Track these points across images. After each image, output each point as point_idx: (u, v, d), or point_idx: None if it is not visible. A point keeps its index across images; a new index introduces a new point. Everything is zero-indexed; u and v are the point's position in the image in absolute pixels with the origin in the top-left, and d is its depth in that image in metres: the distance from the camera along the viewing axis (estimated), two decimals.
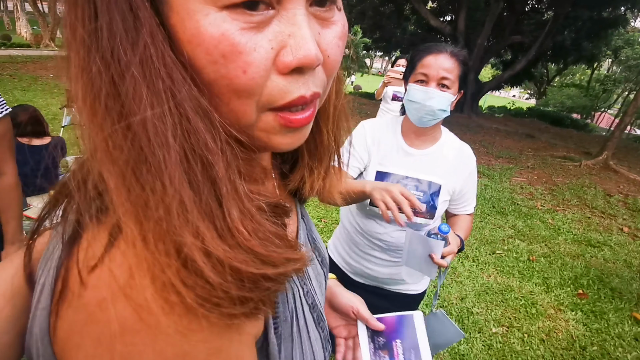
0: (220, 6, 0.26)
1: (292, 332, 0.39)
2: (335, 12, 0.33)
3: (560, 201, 5.28)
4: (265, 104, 0.31)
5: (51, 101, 6.87)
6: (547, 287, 3.04)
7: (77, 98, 0.27)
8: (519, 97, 51.16)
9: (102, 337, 0.26)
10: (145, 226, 0.26)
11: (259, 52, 0.28)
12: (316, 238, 0.56)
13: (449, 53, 1.12)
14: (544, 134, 11.79)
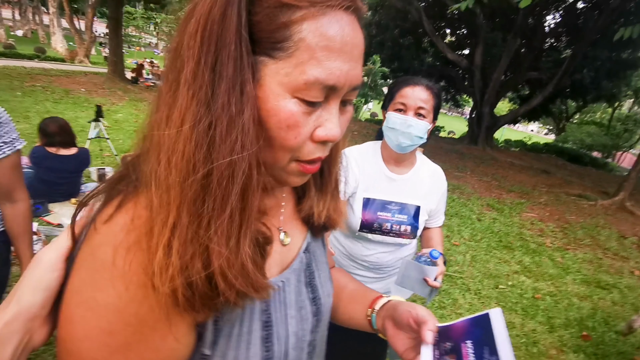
0: (293, 95, 0.40)
1: (231, 333, 0.47)
2: (348, 107, 0.48)
3: (571, 240, 5.21)
4: (296, 157, 0.45)
5: (80, 114, 7.23)
6: (550, 327, 3.01)
7: (168, 121, 0.38)
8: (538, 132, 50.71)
9: (91, 266, 0.39)
10: (178, 223, 0.37)
11: (306, 128, 0.42)
12: (317, 275, 0.62)
13: (424, 86, 1.24)
14: (561, 171, 11.67)
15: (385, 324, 0.62)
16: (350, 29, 0.41)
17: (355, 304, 0.71)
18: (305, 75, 0.39)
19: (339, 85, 0.41)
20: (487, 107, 12.94)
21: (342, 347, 1.41)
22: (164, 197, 0.38)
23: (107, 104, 8.61)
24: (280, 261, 0.56)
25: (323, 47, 0.39)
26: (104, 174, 4.16)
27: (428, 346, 0.52)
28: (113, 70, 11.45)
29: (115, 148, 5.17)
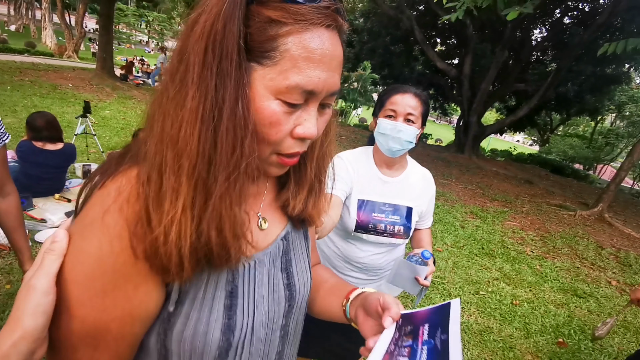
0: (276, 97, 0.47)
1: (196, 296, 0.52)
2: (327, 110, 0.54)
3: (550, 249, 5.35)
4: (276, 150, 0.52)
5: (67, 110, 7.14)
6: (527, 333, 3.09)
7: (176, 113, 0.44)
8: (523, 143, 51.66)
9: (83, 222, 0.47)
10: (165, 185, 0.44)
11: (287, 126, 0.49)
12: (294, 264, 0.67)
13: (413, 93, 1.31)
14: (543, 181, 11.93)
15: (357, 313, 0.65)
16: (329, 44, 0.47)
17: (332, 297, 0.75)
18: (288, 80, 0.45)
19: (317, 90, 0.48)
20: (475, 116, 13.18)
21: (336, 342, 1.49)
22: (170, 179, 0.44)
23: (94, 100, 8.52)
24: (257, 242, 0.60)
25: (304, 58, 0.45)
26: (89, 170, 4.12)
27: (389, 329, 0.55)
28: (102, 67, 11.31)
29: (101, 145, 5.13)
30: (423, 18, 14.01)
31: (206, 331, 0.52)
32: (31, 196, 3.17)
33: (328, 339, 1.53)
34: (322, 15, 0.46)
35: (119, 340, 0.49)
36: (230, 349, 0.55)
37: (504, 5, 4.13)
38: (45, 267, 0.45)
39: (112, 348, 0.48)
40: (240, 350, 0.56)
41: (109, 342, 0.48)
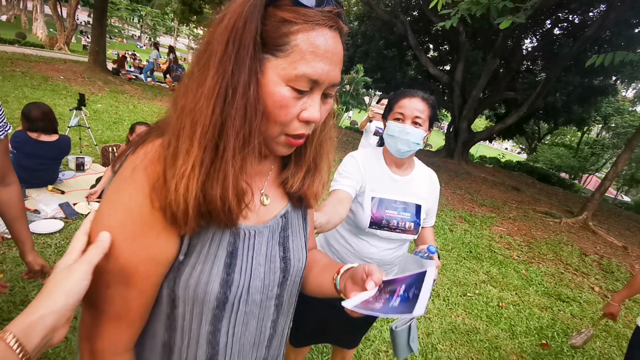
0: (287, 84, 0.55)
1: (201, 251, 0.61)
2: (330, 100, 0.63)
3: (536, 254, 5.47)
4: (284, 131, 0.59)
5: (59, 102, 7.05)
6: (512, 334, 3.17)
7: (198, 90, 0.53)
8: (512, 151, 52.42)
9: (118, 180, 0.57)
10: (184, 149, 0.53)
11: (294, 109, 0.57)
12: (290, 240, 0.75)
13: (420, 97, 1.38)
14: (530, 189, 12.16)
15: (345, 284, 0.70)
16: (332, 42, 0.56)
17: (325, 273, 0.80)
18: (296, 70, 0.54)
19: (320, 80, 0.56)
20: (465, 122, 13.37)
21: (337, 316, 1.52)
22: (184, 142, 0.53)
23: (86, 93, 8.41)
24: (258, 216, 0.69)
25: (311, 52, 0.54)
26: (82, 163, 4.10)
27: (371, 291, 0.62)
28: (94, 60, 11.18)
29: (94, 138, 5.09)
30: (417, 23, 14.18)
31: (207, 282, 0.60)
32: (25, 187, 3.14)
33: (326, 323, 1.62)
34: (326, 18, 0.55)
35: (145, 280, 0.58)
36: (227, 302, 0.63)
37: (498, 14, 4.23)
38: (89, 257, 0.52)
39: (140, 286, 0.58)
40: (236, 307, 0.65)
41: (137, 280, 0.57)
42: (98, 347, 0.58)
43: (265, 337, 0.74)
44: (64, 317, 0.48)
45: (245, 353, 0.71)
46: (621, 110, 20.79)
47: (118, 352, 0.60)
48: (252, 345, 0.72)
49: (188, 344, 0.64)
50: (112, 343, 0.59)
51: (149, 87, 12.37)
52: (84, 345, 0.60)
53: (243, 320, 0.67)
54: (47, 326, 0.46)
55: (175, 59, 14.02)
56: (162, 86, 13.43)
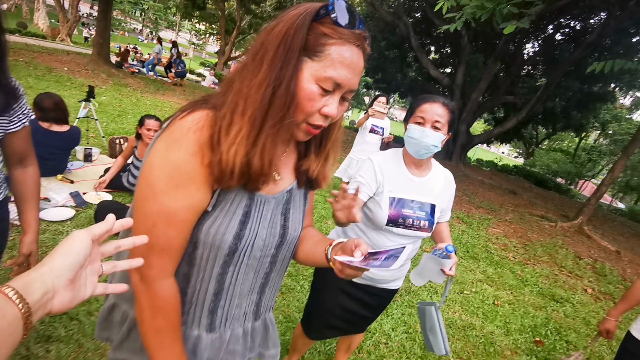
0: (316, 83, 0.69)
1: (224, 207, 0.75)
2: (346, 103, 0.77)
3: (531, 256, 5.58)
4: (307, 119, 0.72)
5: (63, 93, 7.08)
6: (507, 331, 3.26)
7: (253, 79, 0.69)
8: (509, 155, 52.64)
9: (168, 139, 0.70)
10: (231, 120, 0.69)
11: (318, 103, 0.71)
12: (291, 213, 0.89)
13: (441, 103, 1.48)
14: (527, 193, 12.30)
15: (336, 254, 0.80)
16: (356, 57, 0.70)
17: (318, 246, 0.92)
18: (326, 73, 0.68)
19: (342, 84, 0.70)
20: (464, 125, 13.48)
21: (352, 298, 1.70)
22: (237, 117, 0.68)
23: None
24: (269, 188, 0.82)
25: (339, 61, 0.68)
26: (90, 154, 4.16)
27: (357, 258, 0.74)
28: (98, 53, 11.20)
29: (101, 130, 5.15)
30: (419, 25, 14.26)
31: (224, 233, 0.75)
32: None
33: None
34: (355, 38, 0.69)
35: (183, 224, 0.72)
36: (236, 252, 0.78)
37: (502, 19, 4.32)
38: (92, 228, 0.55)
39: (179, 228, 0.72)
40: (242, 259, 0.81)
41: (177, 223, 0.71)
42: (148, 274, 0.73)
43: (257, 285, 0.90)
44: (62, 276, 0.48)
45: (243, 296, 0.88)
46: (619, 118, 20.99)
47: (165, 277, 0.75)
48: (249, 291, 0.89)
49: (202, 279, 0.80)
50: (160, 270, 0.74)
51: (151, 81, 12.40)
52: (134, 272, 0.74)
53: (244, 270, 0.83)
54: (46, 283, 0.46)
55: (178, 54, 14.05)
56: (164, 80, 13.46)
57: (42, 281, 0.46)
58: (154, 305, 0.74)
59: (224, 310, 0.86)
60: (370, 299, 1.73)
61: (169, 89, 11.92)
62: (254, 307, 0.93)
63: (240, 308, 0.89)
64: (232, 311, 0.87)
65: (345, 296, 1.71)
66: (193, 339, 0.85)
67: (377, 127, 4.68)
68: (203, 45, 45.32)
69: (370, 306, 1.77)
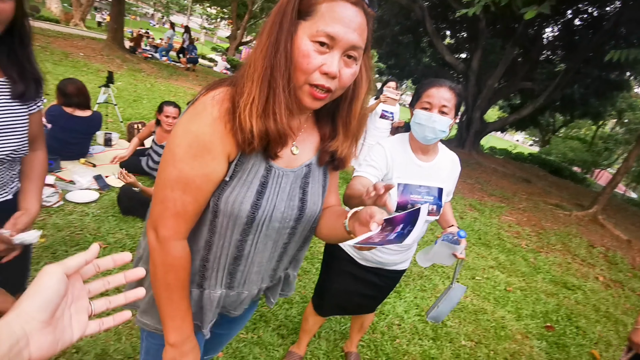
0: (310, 40, 0.71)
1: (241, 177, 0.80)
2: (354, 63, 0.76)
3: (545, 244, 5.58)
4: (308, 80, 0.73)
5: (81, 79, 7.14)
6: (518, 316, 3.31)
7: (257, 48, 0.75)
8: (523, 143, 51.77)
9: (192, 112, 0.76)
10: (249, 91, 0.73)
11: (315, 60, 0.71)
12: (310, 187, 0.92)
13: (448, 87, 1.46)
14: (541, 181, 12.16)
15: (353, 225, 0.80)
16: (351, 12, 0.71)
17: (338, 219, 0.90)
18: (317, 27, 0.70)
19: (337, 37, 0.70)
20: (478, 112, 13.29)
21: (362, 281, 1.76)
22: (248, 83, 0.73)
23: (105, 70, 8.56)
24: (288, 162, 0.86)
25: (330, 16, 0.70)
26: (110, 139, 4.27)
27: (374, 230, 0.72)
28: (113, 38, 11.28)
29: None
30: (435, 9, 13.93)
31: (241, 201, 0.79)
32: (59, 159, 3.31)
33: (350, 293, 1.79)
34: None
35: (198, 191, 0.77)
36: (254, 222, 0.82)
37: (522, 3, 4.24)
38: (66, 261, 0.47)
39: (194, 195, 0.77)
40: (260, 228, 0.85)
41: (192, 190, 0.76)
42: (163, 233, 0.79)
43: (276, 254, 0.95)
44: (33, 320, 0.41)
45: (262, 265, 0.94)
46: (634, 106, 20.46)
47: (178, 239, 0.81)
48: (268, 259, 0.94)
49: (222, 245, 0.86)
50: (175, 232, 0.80)
51: (165, 66, 12.47)
52: (151, 232, 0.81)
53: (263, 240, 0.88)
54: (14, 331, 0.40)
55: (190, 39, 14.05)
56: (177, 66, 13.51)
57: (9, 331, 0.39)
58: (167, 263, 0.81)
59: (243, 274, 0.92)
60: (379, 280, 1.77)
61: (182, 75, 11.98)
62: (272, 272, 1.00)
63: (258, 274, 0.95)
64: (251, 276, 0.94)
65: (354, 279, 1.75)
66: (218, 297, 0.93)
67: (388, 113, 4.70)
68: (214, 30, 45.13)
69: (379, 287, 1.82)
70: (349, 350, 2.27)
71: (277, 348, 2.20)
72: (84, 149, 3.62)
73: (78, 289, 0.49)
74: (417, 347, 2.53)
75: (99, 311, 0.51)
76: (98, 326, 0.50)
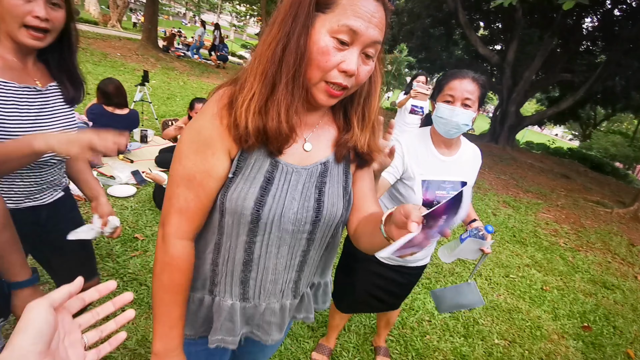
0: (331, 35, 0.67)
1: (244, 173, 0.76)
2: (371, 61, 0.73)
3: (584, 242, 5.33)
4: (325, 77, 0.70)
5: (118, 78, 7.47)
6: (555, 316, 3.20)
7: (262, 49, 0.71)
8: (562, 137, 49.54)
9: (199, 112, 0.76)
10: (249, 88, 0.71)
11: (334, 57, 0.68)
12: (327, 186, 0.83)
13: (471, 78, 1.40)
14: (581, 177, 11.59)
15: (391, 230, 0.68)
16: (372, 7, 0.67)
17: (375, 226, 0.76)
18: (338, 22, 0.66)
19: (359, 32, 0.66)
20: (514, 106, 12.81)
21: (381, 276, 1.73)
22: (250, 79, 0.71)
23: (140, 69, 8.89)
24: (299, 159, 0.81)
25: (352, 10, 0.66)
26: (145, 135, 4.44)
27: (415, 232, 0.60)
28: (147, 38, 11.68)
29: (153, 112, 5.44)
30: (468, 0, 13.55)
31: (244, 198, 0.75)
32: (101, 155, 3.47)
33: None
34: None
35: (200, 188, 0.76)
36: (260, 220, 0.77)
37: None
38: (51, 294, 0.45)
39: (196, 191, 0.76)
40: (269, 229, 0.79)
41: (195, 185, 0.75)
42: (167, 230, 0.78)
43: (295, 263, 0.86)
44: (27, 355, 0.40)
45: (279, 273, 0.85)
46: None
47: (179, 237, 0.79)
48: (285, 267, 0.85)
49: (230, 247, 0.81)
50: (176, 229, 0.78)
51: (196, 64, 12.79)
52: (160, 229, 0.81)
53: (276, 243, 0.81)
54: None
55: (220, 37, 14.33)
56: (208, 63, 13.82)
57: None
58: (164, 261, 0.78)
59: (257, 282, 0.85)
60: (401, 278, 1.74)
61: (213, 72, 12.25)
62: (293, 285, 0.90)
63: (276, 284, 0.86)
64: (267, 285, 0.86)
65: (376, 277, 1.72)
66: (228, 309, 0.86)
67: (417, 108, 4.62)
68: (244, 27, 45.76)
69: (402, 284, 1.79)
70: (378, 344, 2.27)
71: (307, 340, 2.24)
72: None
73: (68, 322, 0.47)
74: (448, 343, 2.50)
75: (93, 342, 0.50)
76: (96, 355, 0.49)
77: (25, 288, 1.00)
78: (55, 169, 1.25)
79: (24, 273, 0.99)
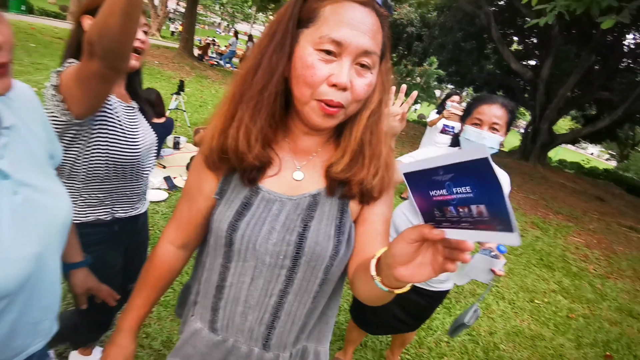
0: (314, 48, 0.63)
1: (225, 195, 0.77)
2: (368, 73, 0.66)
3: (614, 269, 5.12)
4: (315, 95, 0.64)
5: (155, 86, 7.83)
6: (578, 344, 3.10)
7: (244, 65, 0.71)
8: (598, 157, 47.54)
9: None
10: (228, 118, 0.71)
11: (321, 71, 0.62)
12: (315, 222, 0.73)
13: (500, 103, 1.45)
14: (617, 200, 11.09)
15: (389, 274, 0.53)
16: (359, 13, 0.62)
17: (367, 272, 0.63)
18: (320, 32, 0.62)
19: (344, 42, 0.61)
20: (546, 123, 12.47)
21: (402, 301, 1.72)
22: (226, 98, 0.71)
23: (176, 77, 9.25)
24: (286, 188, 0.75)
25: (335, 19, 0.62)
26: (178, 142, 4.63)
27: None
28: (184, 47, 12.16)
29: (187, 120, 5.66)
30: (502, 15, 13.36)
31: (221, 220, 0.74)
32: None
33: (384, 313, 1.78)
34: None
35: (192, 201, 0.81)
36: (234, 245, 0.72)
37: (600, 12, 3.96)
38: None
39: (189, 203, 0.82)
40: (244, 256, 0.73)
41: (189, 198, 0.82)
42: (163, 232, 0.88)
43: (270, 302, 0.75)
44: None
45: (250, 307, 0.76)
46: None
47: (167, 241, 0.87)
48: (257, 303, 0.75)
49: (209, 267, 0.80)
50: (168, 233, 0.87)
51: (229, 72, 13.18)
52: None
53: (250, 273, 0.74)
54: None
55: None
56: None
57: None
58: (149, 255, 0.88)
59: (226, 312, 0.78)
60: (423, 301, 1.74)
61: None
62: (265, 330, 0.78)
63: (245, 319, 0.77)
64: (236, 318, 0.78)
65: (398, 298, 1.73)
66: (192, 330, 0.83)
67: (449, 127, 4.60)
68: None
69: (423, 307, 1.79)
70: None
71: None
72: (157, 153, 3.97)
73: None
74: None
75: None
76: None
77: (80, 269, 1.13)
78: (147, 179, 1.43)
79: (80, 255, 1.12)
